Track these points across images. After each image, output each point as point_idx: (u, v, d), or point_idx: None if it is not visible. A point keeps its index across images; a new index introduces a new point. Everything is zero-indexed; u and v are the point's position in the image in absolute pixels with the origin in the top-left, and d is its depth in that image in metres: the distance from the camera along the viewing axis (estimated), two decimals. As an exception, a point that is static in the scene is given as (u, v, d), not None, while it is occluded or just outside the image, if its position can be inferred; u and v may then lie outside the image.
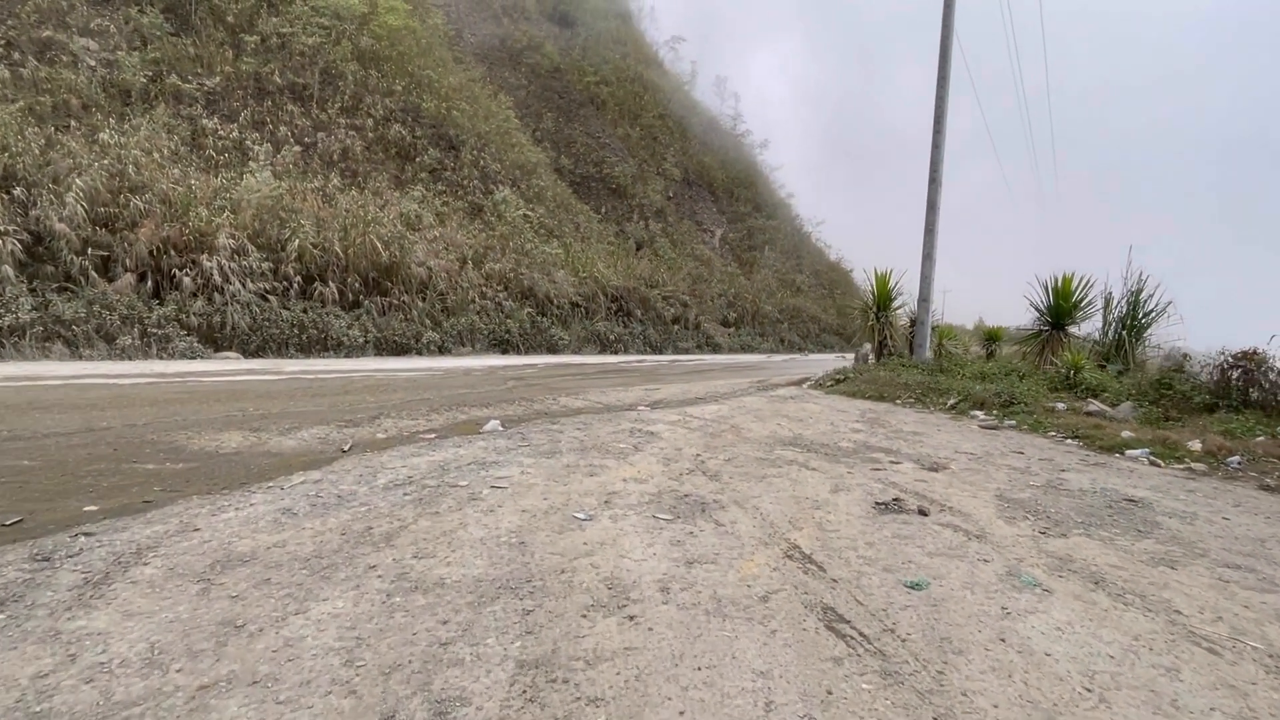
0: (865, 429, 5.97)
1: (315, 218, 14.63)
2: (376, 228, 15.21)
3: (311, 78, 19.20)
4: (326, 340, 12.98)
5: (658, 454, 4.42)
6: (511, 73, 33.36)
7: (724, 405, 7.34)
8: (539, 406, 6.73)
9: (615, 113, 35.46)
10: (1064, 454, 4.99)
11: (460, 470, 3.77)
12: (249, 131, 16.70)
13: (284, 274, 13.26)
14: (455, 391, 7.63)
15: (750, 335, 27.74)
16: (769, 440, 5.17)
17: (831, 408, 7.51)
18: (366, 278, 14.83)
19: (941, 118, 10.67)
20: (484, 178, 22.78)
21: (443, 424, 5.47)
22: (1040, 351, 10.00)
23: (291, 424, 5.06)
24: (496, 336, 16.58)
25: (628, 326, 21.04)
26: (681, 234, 32.57)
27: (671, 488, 3.54)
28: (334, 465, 3.91)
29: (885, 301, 12.26)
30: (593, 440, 4.86)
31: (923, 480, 3.92)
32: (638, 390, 8.79)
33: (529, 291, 18.61)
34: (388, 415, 5.68)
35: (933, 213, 10.81)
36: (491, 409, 6.36)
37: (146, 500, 3.12)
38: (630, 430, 5.38)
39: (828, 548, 2.68)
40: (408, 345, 14.33)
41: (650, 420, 5.97)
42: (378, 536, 2.65)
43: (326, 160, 18.22)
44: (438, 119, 22.45)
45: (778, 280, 35.90)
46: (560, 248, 21.46)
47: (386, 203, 17.35)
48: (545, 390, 8.27)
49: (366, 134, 19.73)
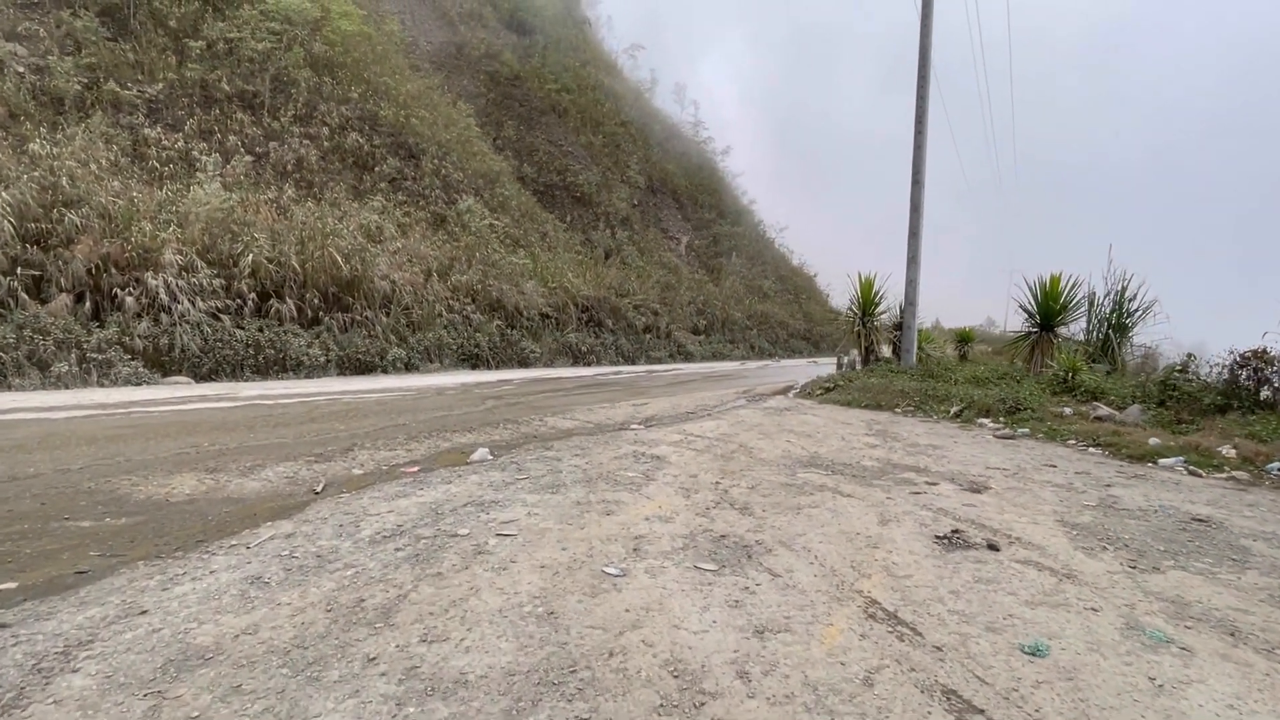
0: (879, 443, 5.65)
1: (270, 231, 13.83)
2: (336, 240, 14.47)
3: (262, 85, 18.30)
4: (285, 360, 12.21)
5: (673, 483, 4.01)
6: (470, 80, 32.67)
7: (721, 421, 6.97)
8: (526, 429, 6.25)
9: (577, 120, 35.02)
10: (1096, 465, 4.74)
11: (457, 514, 3.30)
12: (196, 141, 15.78)
13: (237, 291, 12.45)
14: (432, 415, 7.09)
15: (721, 342, 27.53)
16: (786, 461, 4.80)
17: (834, 420, 7.20)
18: (326, 293, 14.08)
19: (923, 118, 10.54)
20: (446, 187, 22.08)
21: (425, 454, 4.97)
22: (1031, 353, 9.90)
23: (253, 461, 4.50)
24: (465, 351, 15.95)
25: (599, 337, 20.57)
26: (648, 242, 32.25)
27: (702, 526, 3.12)
28: (307, 512, 3.40)
29: (869, 307, 12.08)
30: (596, 468, 4.42)
31: (970, 504, 3.59)
32: (625, 406, 8.36)
33: (497, 303, 18.00)
34: (362, 446, 5.14)
35: (916, 215, 10.67)
36: (476, 434, 5.86)
37: (80, 571, 2.59)
38: (633, 454, 4.95)
39: (910, 601, 2.30)
40: (372, 363, 13.63)
41: (651, 441, 5.55)
42: (373, 612, 2.17)
43: (280, 171, 17.35)
44: (396, 127, 21.69)
45: (745, 287, 35.84)
46: (528, 257, 20.89)
47: (345, 214, 16.58)
48: (528, 410, 7.78)
49: (322, 143, 18.89)
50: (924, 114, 10.53)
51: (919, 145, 10.59)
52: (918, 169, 10.63)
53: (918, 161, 10.63)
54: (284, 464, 4.46)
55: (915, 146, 10.61)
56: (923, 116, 10.54)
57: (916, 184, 10.63)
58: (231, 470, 4.23)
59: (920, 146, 10.59)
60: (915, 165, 10.65)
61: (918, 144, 10.60)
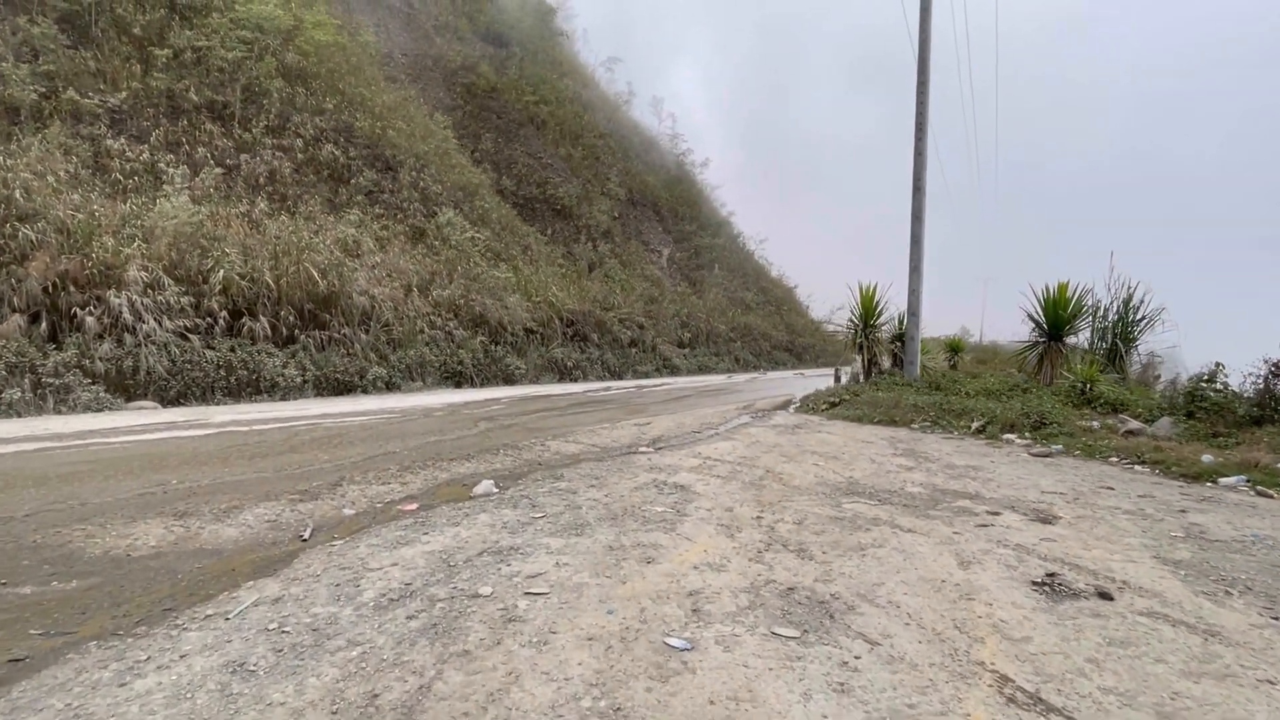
0: (914, 465, 5.29)
1: (241, 245, 13.20)
2: (311, 255, 13.87)
3: (232, 95, 17.65)
4: (259, 382, 11.57)
5: (710, 519, 3.59)
6: (446, 93, 32.21)
7: (735, 441, 6.57)
8: (529, 455, 5.79)
9: (556, 133, 34.68)
10: (1154, 486, 4.43)
11: (473, 566, 2.84)
12: (162, 153, 15.09)
13: (207, 309, 11.79)
14: (423, 440, 6.58)
15: (706, 355, 27.22)
16: (824, 489, 4.42)
17: (853, 438, 6.84)
18: (302, 310, 13.45)
19: (923, 125, 10.35)
20: (425, 199, 21.53)
21: (423, 488, 4.49)
22: (1039, 364, 9.67)
23: (229, 501, 3.99)
24: (448, 369, 15.38)
25: (585, 352, 20.10)
26: (630, 254, 31.91)
27: (762, 576, 2.71)
28: (295, 567, 2.93)
29: (871, 317, 11.79)
30: (618, 501, 3.99)
31: (1047, 539, 3.23)
32: (628, 426, 7.92)
33: (480, 319, 17.46)
34: (351, 479, 4.64)
35: (918, 223, 10.45)
36: (474, 462, 5.38)
37: (15, 659, 2.09)
38: (654, 484, 4.53)
39: (1046, 675, 1.91)
40: (352, 383, 13.01)
41: (668, 468, 5.13)
42: (392, 713, 1.72)
43: (252, 183, 16.69)
44: (372, 139, 21.13)
45: (728, 299, 35.65)
46: (510, 271, 20.39)
47: (321, 228, 15.97)
48: (525, 432, 7.30)
49: (296, 155, 18.26)
50: (924, 120, 10.35)
51: (919, 151, 10.40)
52: (919, 176, 10.43)
53: (919, 168, 10.43)
54: (264, 504, 3.96)
55: (916, 153, 10.42)
56: (923, 123, 10.35)
57: (918, 190, 10.42)
58: (204, 514, 3.72)
59: (921, 153, 10.39)
60: (916, 172, 10.45)
61: (918, 150, 10.40)
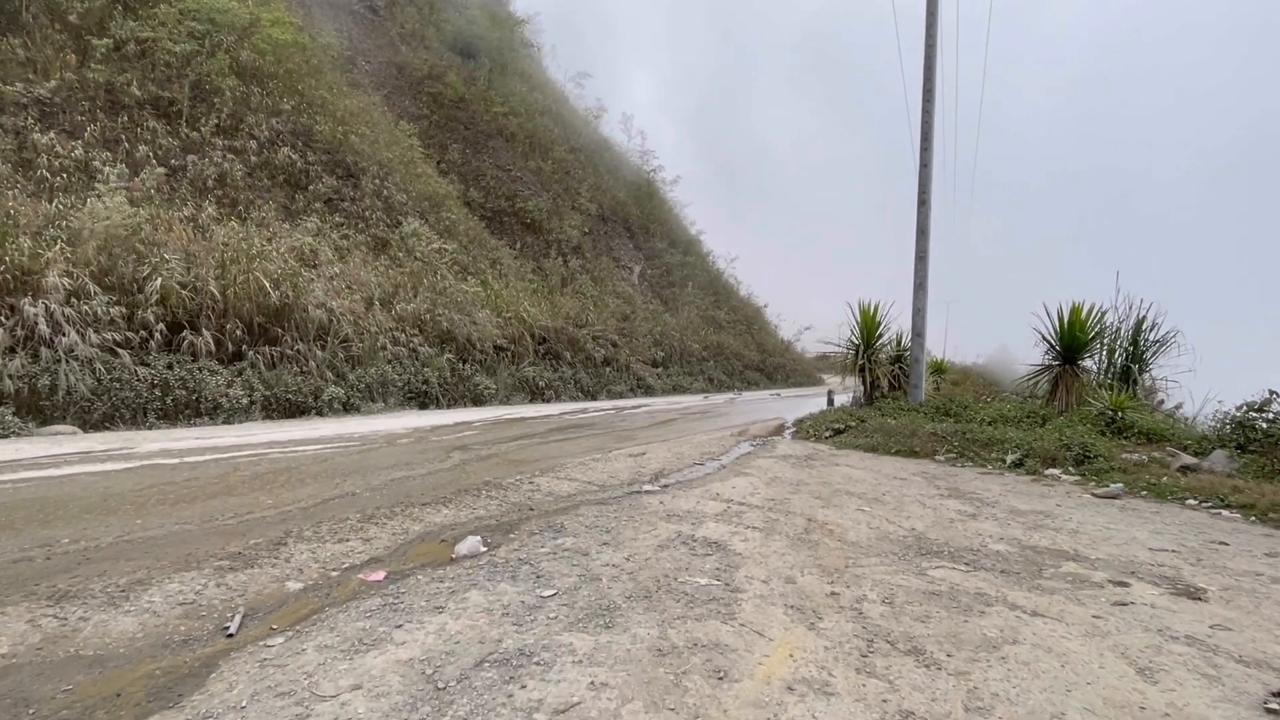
0: (971, 509, 4.59)
1: (184, 251, 12.01)
2: (263, 263, 12.73)
3: (180, 92, 16.40)
4: (199, 403, 10.38)
5: (772, 595, 2.80)
6: (412, 102, 31.17)
7: (749, 477, 5.80)
8: (516, 496, 4.91)
9: (525, 145, 33.87)
10: (1266, 539, 3.81)
11: (471, 692, 1.99)
12: (98, 150, 13.79)
13: (141, 321, 10.58)
14: (388, 476, 5.64)
15: (680, 375, 26.50)
16: (888, 545, 3.67)
17: (878, 473, 6.15)
18: (251, 323, 12.28)
19: (929, 135, 9.88)
20: (388, 209, 20.44)
21: (391, 546, 3.59)
22: (1054, 389, 9.17)
23: (133, 571, 3.04)
24: (413, 388, 14.31)
25: (558, 370, 19.16)
26: (601, 270, 31.14)
27: (892, 704, 1.91)
28: (212, 687, 2.03)
29: (871, 338, 11.20)
30: (645, 568, 3.17)
31: (1218, 625, 2.53)
32: (621, 457, 7.09)
33: (448, 335, 16.41)
34: (299, 535, 3.71)
35: (923, 238, 9.93)
36: (453, 507, 4.49)
37: None
38: (680, 539, 3.71)
39: None
40: (305, 404, 11.87)
41: (687, 514, 4.32)
42: None
43: (199, 186, 15.43)
44: (333, 143, 19.99)
45: (700, 317, 35.12)
46: (480, 285, 19.39)
47: (275, 235, 14.81)
48: (507, 465, 6.40)
49: (249, 157, 17.04)
50: (930, 131, 9.90)
51: (925, 163, 9.92)
52: (924, 189, 9.94)
53: (924, 180, 9.94)
54: (181, 575, 3.02)
55: (921, 164, 9.94)
56: (928, 134, 9.90)
57: (923, 205, 9.93)
58: (94, 594, 2.77)
59: (926, 164, 9.92)
60: (921, 185, 9.96)
61: (923, 161, 9.93)
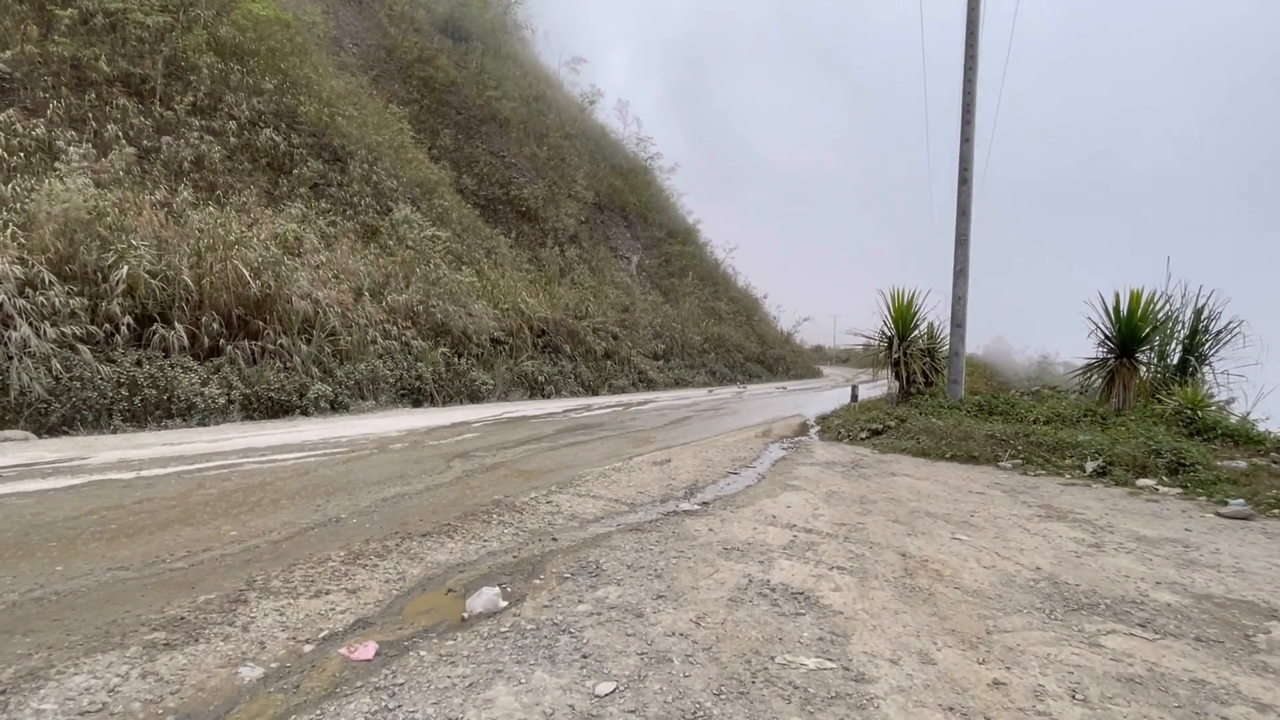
0: (1090, 538, 3.79)
1: (155, 238, 11.05)
2: (242, 251, 11.78)
3: (153, 68, 15.33)
4: (171, 403, 9.47)
5: (917, 691, 1.99)
6: (402, 86, 30.01)
7: (800, 492, 4.98)
8: (534, 522, 4.07)
9: (519, 131, 32.78)
10: None
11: None
12: (62, 128, 12.76)
13: (107, 313, 9.65)
14: (379, 493, 4.78)
15: (681, 368, 25.66)
16: (1023, 596, 2.85)
17: (946, 484, 5.35)
18: (230, 315, 11.35)
19: (971, 106, 9.02)
20: (378, 195, 19.43)
21: (383, 602, 2.74)
22: (1109, 385, 8.40)
23: (27, 655, 2.17)
24: (405, 384, 13.41)
25: (557, 364, 18.28)
26: (599, 260, 30.20)
27: None
28: None
29: (906, 329, 10.37)
30: (728, 644, 2.34)
31: None
32: (644, 465, 6.25)
33: (442, 327, 15.50)
34: (264, 586, 2.86)
35: (964, 219, 9.09)
36: (459, 539, 3.64)
37: None
38: (754, 587, 2.88)
39: None
40: (289, 403, 10.96)
41: (747, 547, 3.49)
42: None
43: (174, 169, 14.42)
44: (319, 126, 18.94)
45: (701, 308, 34.26)
46: (475, 275, 18.44)
47: (256, 221, 13.82)
48: (516, 477, 5.55)
49: (228, 139, 15.99)
50: (972, 101, 9.05)
51: (966, 137, 9.08)
52: (965, 165, 9.10)
53: (965, 156, 9.09)
54: (94, 661, 2.16)
55: (962, 139, 9.09)
56: (970, 104, 9.05)
57: (964, 183, 9.09)
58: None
59: (968, 139, 9.07)
60: (963, 160, 9.11)
61: (965, 135, 9.08)
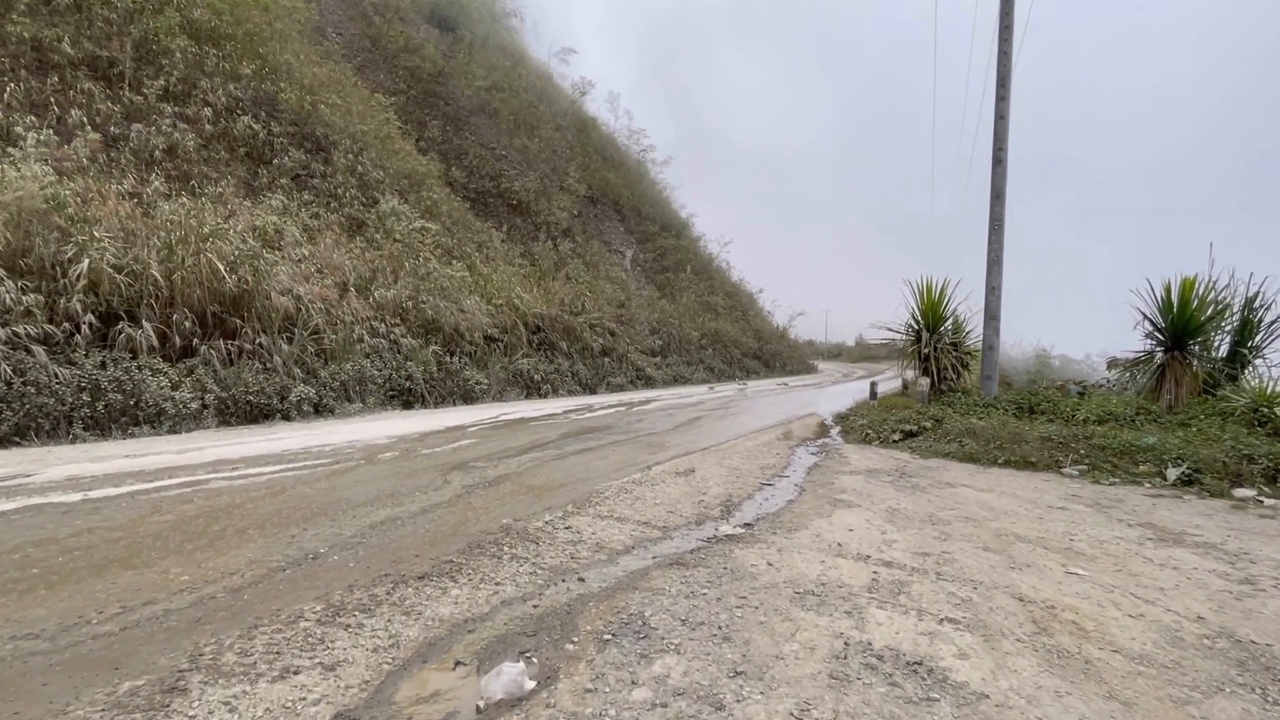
0: (1238, 572, 3.12)
1: (122, 230, 10.23)
2: (218, 244, 10.96)
3: (121, 51, 14.42)
4: (138, 408, 8.67)
5: None
6: (387, 75, 29.05)
7: (857, 510, 4.30)
8: (553, 556, 3.35)
9: (510, 122, 31.89)
10: None
11: None
12: (21, 114, 11.87)
13: (66, 311, 8.84)
14: (365, 518, 4.05)
15: (679, 365, 24.98)
16: (1210, 665, 2.20)
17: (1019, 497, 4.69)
18: (204, 313, 10.55)
19: (1006, 80, 8.31)
20: (364, 186, 18.57)
21: (369, 685, 2.02)
22: (1159, 380, 7.77)
23: None
24: (395, 385, 12.62)
25: (553, 362, 17.52)
26: (593, 255, 29.40)
27: None
28: None
29: (936, 322, 9.68)
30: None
31: None
32: (666, 477, 5.54)
33: (433, 324, 14.72)
34: (212, 663, 2.13)
35: (999, 203, 8.40)
36: (464, 583, 2.93)
37: None
38: (854, 654, 2.20)
39: None
40: (269, 407, 10.17)
41: (824, 590, 2.80)
42: None
43: (145, 158, 13.53)
44: (301, 114, 18.05)
45: (698, 303, 33.56)
46: (466, 269, 17.64)
47: (233, 213, 12.97)
48: (525, 495, 4.83)
49: (203, 126, 15.10)
50: (1007, 74, 8.35)
51: (1001, 114, 8.38)
52: (1000, 143, 8.40)
53: (1000, 134, 8.40)
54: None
55: (997, 116, 8.40)
56: (1005, 79, 8.35)
57: (998, 164, 8.40)
58: None
59: (1003, 115, 8.37)
60: (997, 139, 8.42)
61: (999, 112, 8.38)
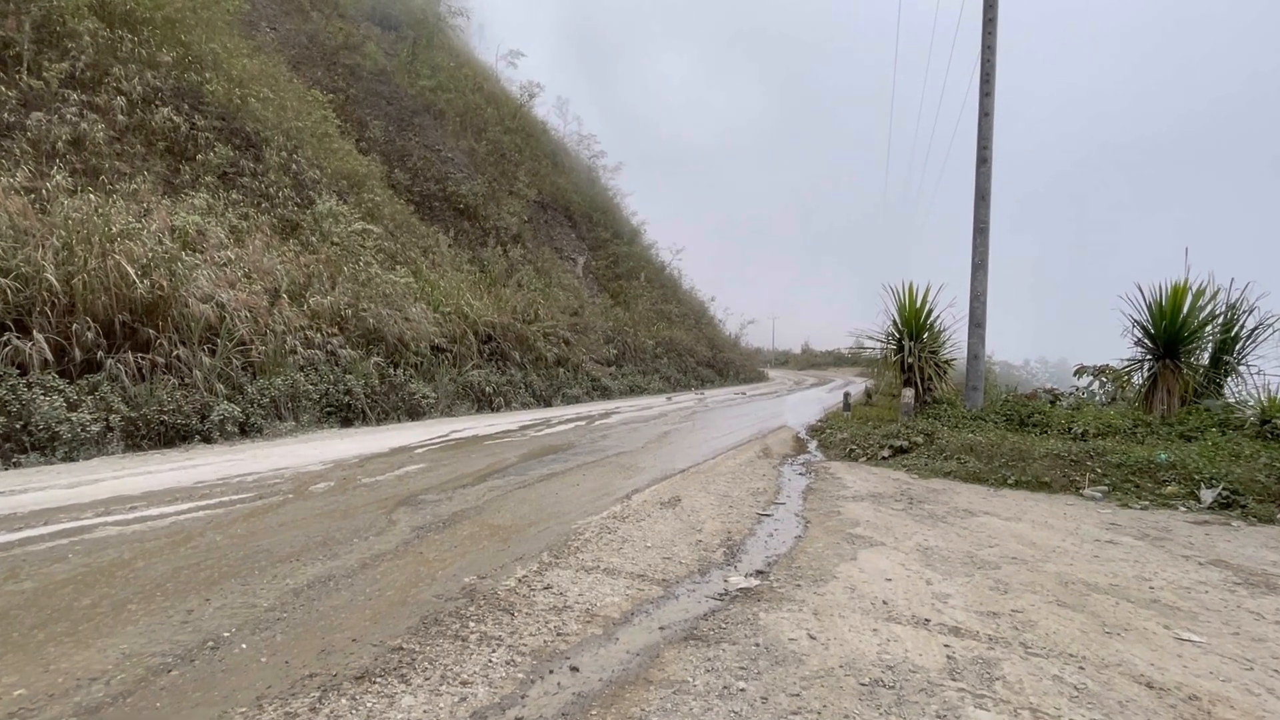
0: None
1: (12, 228, 8.99)
2: (128, 245, 9.78)
3: (18, 31, 12.95)
4: (26, 433, 7.50)
5: None
6: (325, 73, 27.59)
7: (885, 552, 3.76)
8: (534, 636, 2.67)
9: (456, 124, 30.80)
10: None
11: None
12: (-108, 96, 10.41)
13: (-62, 321, 7.61)
14: (288, 579, 3.27)
15: (634, 374, 24.38)
16: None
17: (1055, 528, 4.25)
18: (111, 322, 9.37)
19: (990, 76, 7.98)
20: (298, 186, 17.31)
21: None
22: (1150, 389, 7.57)
23: None
24: (333, 401, 11.56)
25: (506, 373, 16.63)
26: (544, 261, 28.56)
27: None
28: None
29: (919, 329, 9.31)
30: None
31: None
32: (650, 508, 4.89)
33: (375, 334, 13.68)
34: None
35: (983, 205, 8.06)
36: (418, 688, 2.22)
37: None
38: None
39: None
40: (187, 427, 9.05)
41: (895, 681, 2.24)
42: None
43: (46, 150, 12.12)
44: (229, 108, 16.70)
45: (653, 311, 33.07)
46: (411, 275, 16.61)
47: (149, 210, 11.71)
48: (487, 538, 4.11)
49: (115, 117, 13.71)
50: (991, 70, 8.03)
51: (985, 111, 8.04)
52: (984, 143, 8.06)
53: (984, 133, 8.05)
54: None
55: (981, 113, 8.05)
56: (990, 74, 8.03)
57: (983, 163, 8.06)
58: None
59: (988, 112, 8.03)
60: (981, 137, 8.07)
61: (984, 109, 8.05)
